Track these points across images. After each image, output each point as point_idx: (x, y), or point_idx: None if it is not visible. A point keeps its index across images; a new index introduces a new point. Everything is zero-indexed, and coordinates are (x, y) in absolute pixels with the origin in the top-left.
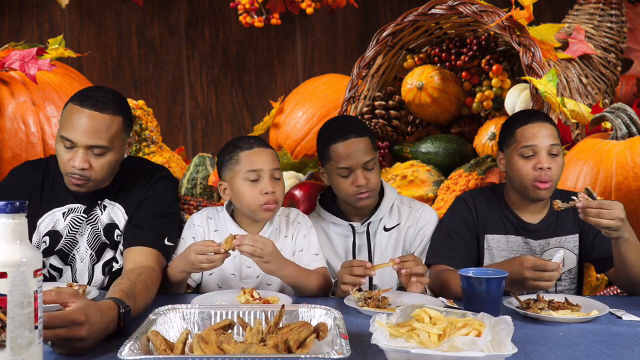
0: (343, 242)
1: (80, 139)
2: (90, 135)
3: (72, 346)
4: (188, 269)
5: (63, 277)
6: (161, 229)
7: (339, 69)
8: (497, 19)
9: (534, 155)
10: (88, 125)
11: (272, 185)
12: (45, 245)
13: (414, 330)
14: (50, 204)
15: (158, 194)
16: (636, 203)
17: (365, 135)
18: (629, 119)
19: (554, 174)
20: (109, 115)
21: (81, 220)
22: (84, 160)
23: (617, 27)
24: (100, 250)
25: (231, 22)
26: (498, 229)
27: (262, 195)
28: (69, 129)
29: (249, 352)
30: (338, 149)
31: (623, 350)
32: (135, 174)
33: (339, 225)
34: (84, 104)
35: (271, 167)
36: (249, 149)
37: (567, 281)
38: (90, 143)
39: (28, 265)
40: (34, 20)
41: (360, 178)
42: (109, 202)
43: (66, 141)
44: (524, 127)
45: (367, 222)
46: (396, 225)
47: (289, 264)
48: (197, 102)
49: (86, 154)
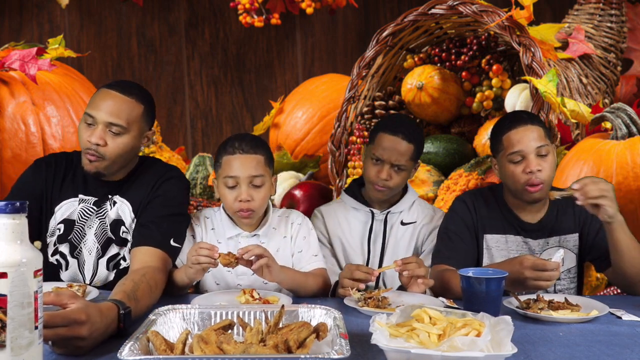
0: (361, 229)
1: (100, 116)
2: (110, 113)
3: (73, 346)
4: (188, 271)
5: (70, 269)
6: (168, 229)
7: (339, 69)
8: (497, 19)
9: (523, 159)
10: (111, 104)
11: (249, 192)
12: (59, 232)
13: (414, 330)
14: (68, 193)
15: (166, 194)
16: (636, 203)
17: (413, 141)
18: (629, 119)
19: (544, 175)
20: (131, 99)
21: (91, 212)
22: (100, 136)
23: (617, 27)
24: (106, 245)
25: (231, 22)
26: (497, 229)
27: (237, 202)
28: (93, 107)
29: (249, 352)
30: (382, 139)
31: (623, 350)
32: (146, 173)
33: (359, 210)
34: (112, 87)
35: (249, 175)
36: (231, 153)
37: (567, 280)
38: (110, 120)
39: (28, 266)
40: (34, 20)
41: (384, 173)
42: (119, 198)
43: (88, 117)
44: (509, 133)
45: (387, 211)
46: (412, 222)
47: (285, 269)
48: (197, 102)
49: (104, 131)
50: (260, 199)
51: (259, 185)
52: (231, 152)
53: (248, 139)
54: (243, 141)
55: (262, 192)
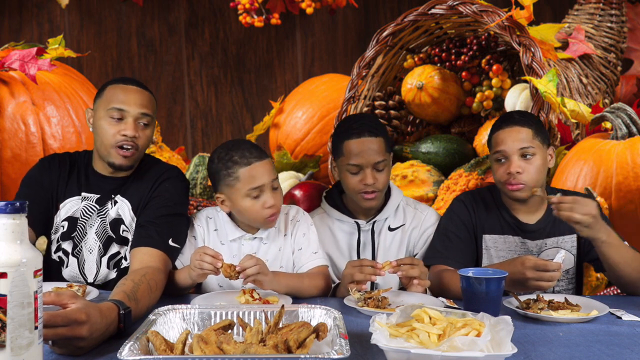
0: (347, 240)
1: (132, 108)
2: (141, 105)
3: (73, 346)
4: (192, 273)
5: (70, 267)
6: (166, 229)
7: (339, 69)
8: (497, 19)
9: (506, 159)
10: (138, 97)
11: (274, 197)
12: (62, 229)
13: (414, 330)
14: (72, 191)
15: (165, 195)
16: (636, 203)
17: (380, 135)
18: (629, 119)
19: (525, 177)
20: (149, 93)
21: (92, 210)
22: (135, 128)
23: (617, 27)
24: (107, 244)
25: (231, 22)
26: (495, 230)
27: (265, 209)
28: (118, 101)
29: (248, 352)
30: (351, 145)
31: (623, 350)
32: (146, 172)
33: (344, 222)
34: (128, 82)
35: (271, 179)
36: (247, 164)
37: (565, 281)
38: (142, 111)
39: (28, 266)
40: (33, 20)
41: (369, 177)
42: (120, 197)
43: (115, 112)
44: (497, 133)
45: (372, 220)
46: (401, 225)
47: (280, 275)
48: (197, 102)
49: (135, 123)
50: (280, 199)
51: (277, 188)
52: (246, 164)
53: (250, 144)
54: (247, 148)
55: (280, 192)
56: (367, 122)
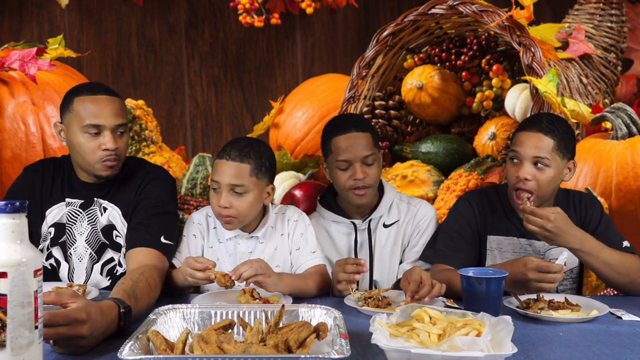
0: (345, 240)
1: (107, 121)
2: (115, 116)
3: (74, 345)
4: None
5: (60, 273)
6: (156, 228)
7: (339, 69)
8: (497, 19)
9: (519, 162)
10: (110, 107)
11: (114, 141)
12: (50, 235)
13: (414, 330)
14: (57, 197)
15: (151, 196)
16: (636, 203)
17: (367, 131)
18: (629, 119)
19: (535, 185)
20: (118, 98)
21: (77, 215)
22: (114, 140)
23: (618, 27)
24: (101, 250)
25: (231, 22)
26: (500, 231)
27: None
28: (92, 116)
29: (249, 352)
30: (338, 141)
31: (623, 350)
32: (131, 175)
33: (340, 224)
34: (96, 92)
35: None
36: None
37: (569, 281)
38: (117, 122)
39: (28, 265)
40: (33, 20)
41: (359, 172)
42: (107, 203)
43: (92, 128)
44: (520, 132)
45: (368, 219)
46: (395, 221)
47: (284, 276)
48: (197, 102)
49: (113, 134)
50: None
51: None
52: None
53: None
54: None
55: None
56: (353, 118)
